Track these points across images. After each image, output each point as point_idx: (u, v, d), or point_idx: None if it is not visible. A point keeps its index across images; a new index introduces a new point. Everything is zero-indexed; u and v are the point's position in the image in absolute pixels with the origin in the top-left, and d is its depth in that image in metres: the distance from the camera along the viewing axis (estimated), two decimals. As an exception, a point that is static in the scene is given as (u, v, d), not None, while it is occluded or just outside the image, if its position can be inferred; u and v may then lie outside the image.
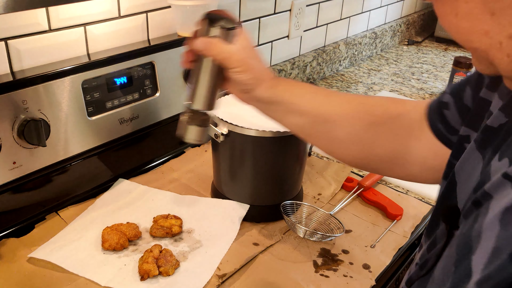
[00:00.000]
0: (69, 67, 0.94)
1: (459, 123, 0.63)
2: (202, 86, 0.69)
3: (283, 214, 0.92)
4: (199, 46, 0.67)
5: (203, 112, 0.71)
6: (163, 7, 1.18)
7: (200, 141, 0.73)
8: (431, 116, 0.66)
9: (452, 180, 0.54)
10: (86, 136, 0.98)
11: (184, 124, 0.72)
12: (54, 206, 0.95)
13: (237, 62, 0.66)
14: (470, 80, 0.62)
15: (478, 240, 0.39)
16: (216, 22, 0.67)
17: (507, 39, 0.38)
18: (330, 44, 1.88)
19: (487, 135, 0.51)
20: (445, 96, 0.66)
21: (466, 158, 0.53)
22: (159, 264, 0.79)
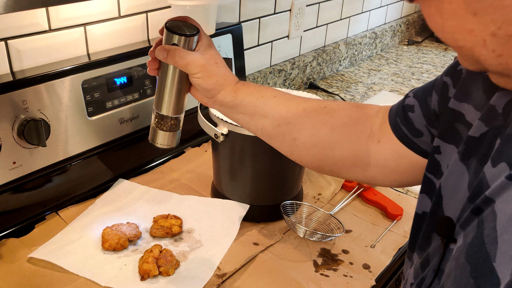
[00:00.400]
0: (69, 67, 0.94)
1: (424, 126, 0.64)
2: (167, 92, 0.71)
3: (283, 214, 0.92)
4: (160, 54, 0.68)
5: (171, 117, 0.72)
6: (163, 7, 1.18)
7: (170, 145, 0.74)
8: (394, 119, 0.67)
9: (438, 194, 0.55)
10: (86, 136, 0.98)
11: (154, 129, 0.74)
12: (54, 206, 0.95)
13: (198, 68, 0.68)
14: (436, 85, 0.63)
15: (494, 245, 0.39)
16: (176, 30, 0.68)
17: (490, 37, 0.39)
18: (330, 44, 1.88)
19: (470, 146, 0.52)
20: (409, 99, 0.67)
21: (451, 171, 0.54)
22: (159, 264, 0.79)
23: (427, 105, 0.64)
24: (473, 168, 0.51)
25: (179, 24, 0.69)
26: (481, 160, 0.49)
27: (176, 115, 0.73)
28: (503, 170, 0.43)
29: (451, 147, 0.57)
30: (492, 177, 0.44)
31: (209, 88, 0.69)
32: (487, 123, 0.51)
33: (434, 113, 0.63)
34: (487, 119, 0.51)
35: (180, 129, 0.75)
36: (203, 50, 0.69)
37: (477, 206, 0.44)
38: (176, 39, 0.68)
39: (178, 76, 0.70)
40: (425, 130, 0.64)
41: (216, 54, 0.71)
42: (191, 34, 0.68)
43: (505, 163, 0.43)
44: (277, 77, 1.60)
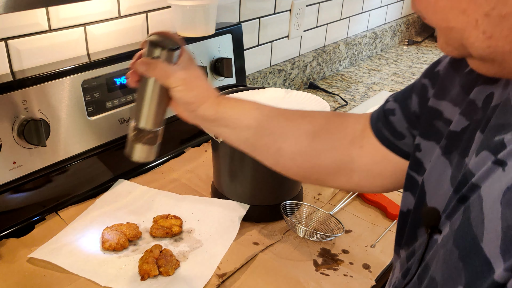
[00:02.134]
0: (69, 67, 0.94)
1: (406, 128, 0.65)
2: (147, 105, 0.70)
3: (283, 214, 0.92)
4: (140, 67, 0.68)
5: (149, 131, 0.71)
6: (163, 7, 1.18)
7: (147, 159, 0.73)
8: (376, 124, 0.68)
9: (421, 189, 0.55)
10: (86, 136, 0.98)
11: (131, 143, 0.72)
12: (54, 206, 0.95)
13: (179, 81, 0.68)
14: (415, 87, 0.64)
15: (481, 226, 0.39)
16: (158, 44, 0.68)
17: (482, 17, 0.40)
18: (330, 44, 1.88)
19: (452, 140, 0.53)
20: (389, 103, 0.68)
21: (433, 166, 0.55)
22: (159, 264, 0.79)
23: (408, 107, 0.64)
24: (455, 162, 0.51)
25: (161, 38, 0.69)
26: (462, 153, 0.50)
27: (154, 128, 0.72)
28: (487, 157, 0.44)
29: (431, 144, 0.58)
30: (475, 166, 0.45)
31: (190, 101, 0.69)
32: (467, 117, 0.52)
33: (415, 115, 0.63)
34: (468, 114, 0.52)
35: (158, 143, 0.74)
36: (184, 65, 0.70)
37: (463, 194, 0.45)
38: (157, 52, 0.68)
39: (158, 89, 0.70)
40: (406, 132, 0.65)
41: (197, 69, 0.72)
42: (172, 48, 0.68)
43: (487, 151, 0.44)
44: (277, 77, 1.60)
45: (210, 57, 1.22)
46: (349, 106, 1.59)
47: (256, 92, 1.01)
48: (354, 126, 0.71)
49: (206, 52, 1.21)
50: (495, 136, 0.44)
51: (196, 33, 1.17)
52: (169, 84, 0.68)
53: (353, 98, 1.66)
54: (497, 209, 0.38)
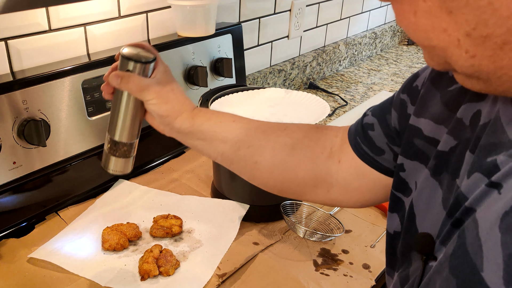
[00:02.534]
0: (69, 67, 0.94)
1: (385, 143, 0.64)
2: (121, 118, 0.70)
3: (283, 214, 0.92)
4: (113, 80, 0.67)
5: (125, 143, 0.71)
6: (163, 7, 1.18)
7: (123, 172, 0.73)
8: (354, 138, 0.67)
9: (411, 212, 0.54)
10: (86, 136, 0.98)
11: (106, 155, 0.72)
12: (54, 206, 0.95)
13: (152, 94, 0.67)
14: (394, 103, 0.63)
15: (480, 254, 0.38)
16: (132, 57, 0.67)
17: (464, 37, 0.39)
18: (330, 44, 1.88)
19: (440, 161, 0.52)
20: (368, 118, 0.67)
21: (422, 187, 0.53)
22: (159, 264, 0.79)
23: (387, 123, 0.64)
24: (445, 183, 0.50)
25: (135, 51, 0.68)
26: (452, 174, 0.49)
27: (129, 141, 0.71)
28: (479, 180, 0.42)
29: (415, 164, 0.56)
30: (468, 189, 0.43)
31: (164, 114, 0.69)
32: (455, 137, 0.51)
33: (395, 131, 0.63)
34: (456, 133, 0.51)
35: (133, 155, 0.73)
36: (159, 77, 0.69)
37: (457, 218, 0.43)
38: (131, 65, 0.67)
39: (133, 102, 0.69)
40: (386, 147, 0.64)
41: (173, 81, 0.71)
42: (146, 61, 0.67)
43: (479, 172, 0.43)
44: (277, 77, 1.60)
45: (210, 57, 1.22)
46: (349, 106, 1.59)
47: (256, 92, 1.01)
48: (332, 140, 0.70)
49: (206, 52, 1.21)
50: (487, 157, 0.43)
51: (196, 33, 1.17)
52: (142, 98, 0.68)
53: (353, 98, 1.66)
54: (496, 235, 0.37)
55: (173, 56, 1.13)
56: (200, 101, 0.97)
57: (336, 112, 1.53)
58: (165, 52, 1.11)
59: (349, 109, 1.56)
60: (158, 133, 1.08)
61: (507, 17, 0.36)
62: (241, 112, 0.92)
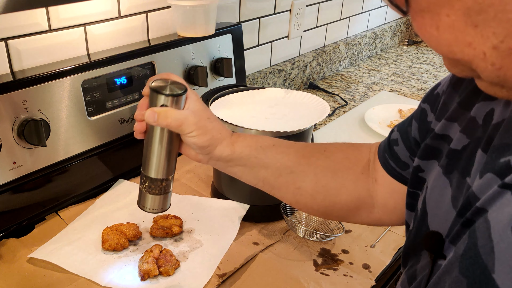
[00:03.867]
0: (69, 67, 0.94)
1: (408, 157, 0.64)
2: (156, 154, 0.67)
3: (283, 214, 0.92)
4: (149, 118, 0.64)
5: (163, 179, 0.68)
6: (163, 7, 1.18)
7: (162, 209, 0.70)
8: (382, 155, 0.67)
9: (423, 210, 0.54)
10: (86, 136, 0.98)
11: (143, 193, 0.69)
12: (54, 206, 0.95)
13: (192, 126, 0.64)
14: (415, 114, 0.64)
15: (491, 255, 0.37)
16: (163, 90, 0.64)
17: (491, 50, 0.38)
18: (330, 44, 1.88)
19: (452, 159, 0.51)
20: (394, 133, 0.67)
21: (434, 186, 0.53)
22: (159, 264, 0.79)
23: (408, 135, 0.64)
24: (455, 181, 0.50)
25: (164, 83, 0.65)
26: (462, 172, 0.49)
27: (167, 177, 0.68)
28: (492, 180, 0.42)
29: (432, 162, 0.56)
30: (479, 189, 0.43)
31: (205, 145, 0.66)
32: (468, 135, 0.50)
33: (415, 142, 0.63)
34: (468, 131, 0.50)
35: (171, 191, 0.70)
36: (193, 107, 0.66)
37: (467, 218, 0.43)
38: (164, 99, 0.63)
39: (168, 137, 0.66)
40: (409, 161, 0.64)
41: (206, 109, 0.68)
42: (179, 93, 0.64)
43: (492, 173, 0.42)
44: (277, 77, 1.60)
45: (210, 57, 1.22)
46: (349, 106, 1.59)
47: (256, 92, 1.01)
48: (367, 158, 0.70)
49: (206, 52, 1.21)
50: (500, 158, 0.42)
51: (196, 33, 1.17)
52: (181, 131, 0.65)
53: (353, 98, 1.66)
54: (508, 237, 0.36)
55: (173, 56, 1.13)
56: (200, 101, 0.97)
57: (336, 112, 1.53)
58: (165, 52, 1.11)
59: (349, 109, 1.56)
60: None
61: None
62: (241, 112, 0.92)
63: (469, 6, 0.36)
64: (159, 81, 0.65)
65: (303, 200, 0.71)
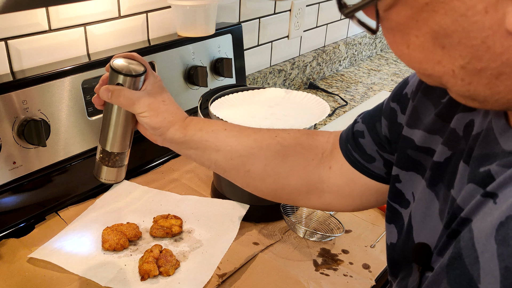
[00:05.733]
0: (69, 67, 0.94)
1: (375, 151, 0.65)
2: (112, 129, 0.70)
3: (283, 214, 0.92)
4: (104, 94, 0.67)
5: (116, 153, 0.71)
6: (163, 7, 1.18)
7: (115, 181, 0.73)
8: (345, 146, 0.68)
9: (408, 224, 0.54)
10: (86, 136, 0.98)
11: (98, 164, 0.72)
12: (54, 206, 0.95)
13: (143, 107, 0.67)
14: (384, 111, 0.64)
15: (477, 266, 0.37)
16: (122, 69, 0.67)
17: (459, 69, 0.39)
18: (330, 44, 1.88)
19: (436, 171, 0.52)
20: (358, 125, 0.68)
21: (419, 199, 0.54)
22: (159, 264, 0.79)
23: (376, 130, 0.64)
24: (442, 194, 0.50)
25: (126, 63, 0.68)
26: (448, 185, 0.49)
27: (121, 151, 0.71)
28: (474, 190, 0.42)
29: (411, 174, 0.57)
30: (463, 200, 0.44)
31: (156, 126, 0.69)
32: (450, 147, 0.51)
33: (386, 139, 0.63)
34: (450, 143, 0.51)
35: (125, 164, 0.73)
36: (150, 89, 0.69)
37: (453, 229, 0.43)
38: (121, 79, 0.67)
39: (124, 114, 0.69)
40: (376, 155, 0.64)
41: (163, 92, 0.71)
42: (136, 75, 0.67)
43: (473, 183, 0.43)
44: (277, 77, 1.60)
45: (210, 57, 1.22)
46: (349, 106, 1.59)
47: (256, 92, 1.01)
48: (323, 145, 0.71)
49: (206, 52, 1.21)
50: (480, 167, 0.43)
51: (196, 33, 1.17)
52: (134, 111, 0.68)
53: (353, 98, 1.66)
54: (492, 246, 0.36)
55: (173, 56, 1.13)
56: (200, 101, 0.97)
57: (336, 112, 1.53)
58: (165, 52, 1.11)
59: (349, 109, 1.56)
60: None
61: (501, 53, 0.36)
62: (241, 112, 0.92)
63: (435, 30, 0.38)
64: (121, 60, 0.68)
65: (252, 182, 0.72)
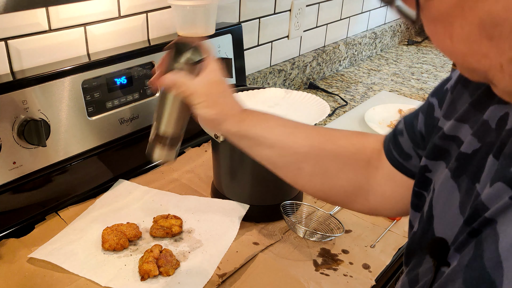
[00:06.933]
0: (69, 67, 0.94)
1: (411, 148, 0.64)
2: (167, 113, 0.71)
3: (283, 214, 0.92)
4: (165, 83, 0.68)
5: (170, 136, 0.72)
6: (163, 7, 1.18)
7: (166, 160, 0.74)
8: (387, 145, 0.68)
9: (429, 213, 0.53)
10: (86, 136, 0.98)
11: (151, 144, 0.73)
12: (54, 206, 0.95)
13: (201, 97, 0.67)
14: (423, 107, 0.63)
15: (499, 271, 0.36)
16: (183, 54, 0.67)
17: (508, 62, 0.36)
18: (330, 44, 1.88)
19: (462, 163, 0.50)
20: (400, 123, 0.67)
21: (441, 189, 0.53)
22: (159, 264, 0.79)
23: (413, 127, 0.64)
24: (464, 186, 0.49)
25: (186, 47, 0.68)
26: (472, 178, 0.48)
27: (175, 135, 0.72)
28: (503, 190, 0.41)
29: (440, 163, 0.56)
30: (489, 198, 0.42)
31: (211, 118, 0.69)
32: (480, 139, 0.49)
33: (420, 135, 0.62)
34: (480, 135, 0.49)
35: (179, 145, 0.74)
36: (208, 78, 0.68)
37: (474, 228, 0.42)
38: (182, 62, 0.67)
39: (180, 101, 0.70)
40: (413, 152, 0.64)
41: (222, 82, 0.70)
42: (198, 61, 0.67)
43: (503, 182, 0.41)
44: (277, 77, 1.60)
45: (210, 57, 1.22)
46: (349, 106, 1.59)
47: (256, 92, 1.01)
48: (372, 147, 0.71)
49: (206, 52, 1.21)
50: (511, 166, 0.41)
51: (196, 33, 1.17)
52: (191, 101, 0.68)
53: (353, 98, 1.66)
54: None
55: (173, 56, 1.13)
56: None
57: (336, 112, 1.53)
58: (165, 52, 1.11)
59: (349, 109, 1.56)
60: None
61: None
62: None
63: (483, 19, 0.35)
64: (181, 44, 0.69)
65: (302, 181, 0.72)
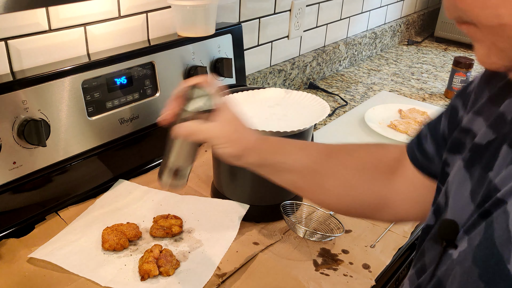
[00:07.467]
0: (69, 67, 0.94)
1: (434, 151, 0.64)
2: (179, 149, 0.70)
3: (283, 214, 0.92)
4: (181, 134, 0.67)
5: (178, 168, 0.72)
6: (163, 7, 1.18)
7: (179, 187, 0.75)
8: (411, 149, 0.68)
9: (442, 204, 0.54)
10: (86, 136, 0.98)
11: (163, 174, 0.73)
12: (54, 206, 0.95)
13: (221, 139, 0.68)
14: (446, 110, 0.64)
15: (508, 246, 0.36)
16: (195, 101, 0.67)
17: None
18: (330, 44, 1.88)
19: (475, 153, 0.51)
20: (423, 128, 0.67)
21: (454, 179, 0.53)
22: (159, 264, 0.79)
23: (437, 129, 0.64)
24: (476, 176, 0.49)
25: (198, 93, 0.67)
26: (485, 167, 0.48)
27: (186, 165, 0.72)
28: None
29: (456, 156, 0.56)
30: (501, 180, 0.42)
31: (233, 154, 0.69)
32: (495, 130, 0.49)
33: (443, 137, 0.63)
34: (495, 126, 0.49)
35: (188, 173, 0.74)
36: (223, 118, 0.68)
37: (485, 209, 0.42)
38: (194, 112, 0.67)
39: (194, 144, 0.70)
40: (435, 155, 0.64)
41: (237, 118, 0.70)
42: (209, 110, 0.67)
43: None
44: (277, 77, 1.60)
45: (210, 57, 1.22)
46: (349, 106, 1.59)
47: (256, 92, 1.01)
48: (393, 155, 0.71)
49: (206, 52, 1.21)
50: None
51: (196, 33, 1.17)
52: (211, 143, 0.68)
53: (353, 98, 1.66)
54: None
55: (173, 56, 1.13)
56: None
57: (336, 112, 1.53)
58: (165, 52, 1.11)
59: (349, 109, 1.56)
60: (158, 133, 1.08)
61: None
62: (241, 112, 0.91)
63: None
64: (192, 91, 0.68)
65: (327, 199, 0.72)
